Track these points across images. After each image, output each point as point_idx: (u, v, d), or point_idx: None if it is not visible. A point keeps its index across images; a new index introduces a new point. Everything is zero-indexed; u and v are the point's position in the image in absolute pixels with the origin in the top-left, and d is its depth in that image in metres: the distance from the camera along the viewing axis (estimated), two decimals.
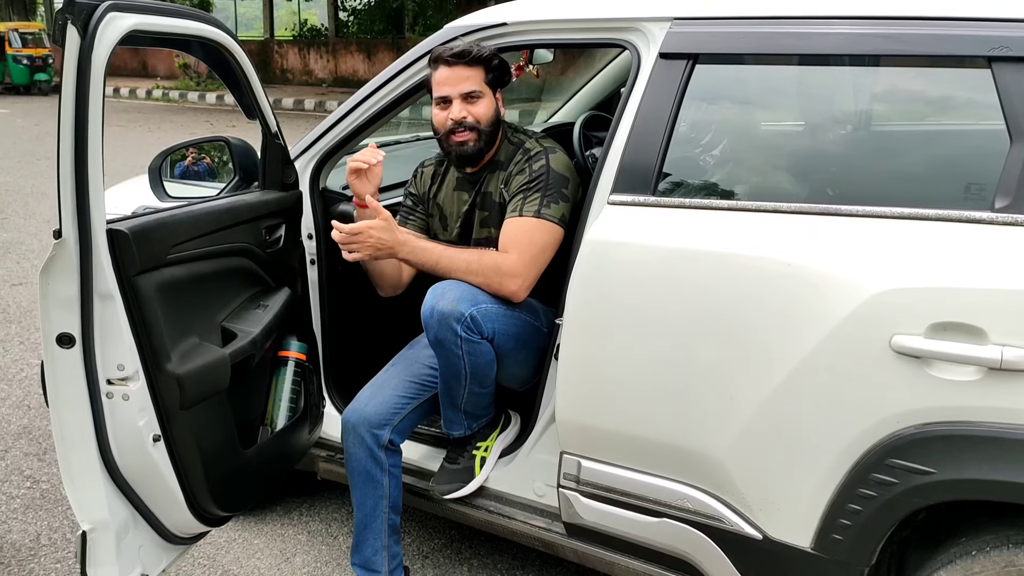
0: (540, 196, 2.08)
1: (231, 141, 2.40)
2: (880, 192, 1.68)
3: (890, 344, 1.49)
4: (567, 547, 2.05)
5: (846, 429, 1.56)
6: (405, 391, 2.16)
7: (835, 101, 1.95)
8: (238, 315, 2.04)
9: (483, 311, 1.98)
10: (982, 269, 1.47)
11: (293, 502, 2.79)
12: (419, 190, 2.36)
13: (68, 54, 1.56)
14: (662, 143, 1.80)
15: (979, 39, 1.55)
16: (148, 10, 1.72)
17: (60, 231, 1.60)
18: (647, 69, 1.86)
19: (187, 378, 1.79)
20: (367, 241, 2.00)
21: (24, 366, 3.87)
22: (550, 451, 2.03)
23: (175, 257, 1.82)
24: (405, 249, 2.05)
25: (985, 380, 1.44)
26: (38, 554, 2.50)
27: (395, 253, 2.05)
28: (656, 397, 1.77)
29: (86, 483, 1.73)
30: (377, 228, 2.00)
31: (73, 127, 1.57)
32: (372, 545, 2.13)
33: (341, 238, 2.00)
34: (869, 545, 1.59)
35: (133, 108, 16.02)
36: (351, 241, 2.00)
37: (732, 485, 1.73)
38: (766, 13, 1.79)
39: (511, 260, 2.04)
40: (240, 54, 2.02)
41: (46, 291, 1.64)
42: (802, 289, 1.58)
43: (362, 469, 2.11)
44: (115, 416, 1.73)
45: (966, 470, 1.47)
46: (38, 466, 2.99)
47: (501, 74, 2.15)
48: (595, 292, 1.82)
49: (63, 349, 1.65)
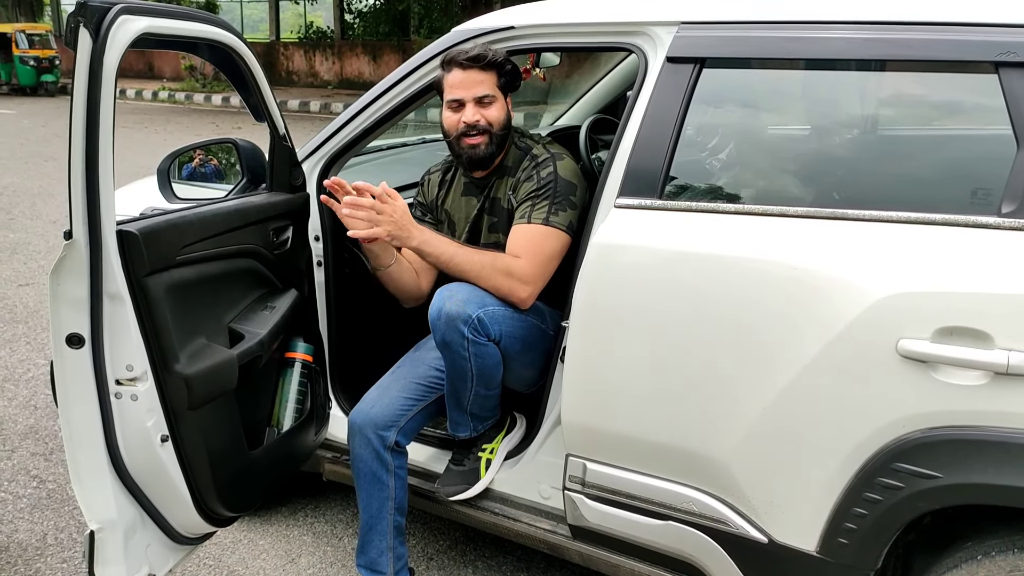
0: (548, 203, 2.08)
1: (239, 143, 2.41)
2: (886, 196, 1.68)
3: (896, 348, 1.49)
4: (572, 549, 2.05)
5: (852, 433, 1.57)
6: (411, 393, 2.16)
7: (841, 105, 1.96)
8: (245, 316, 2.05)
9: (490, 313, 1.98)
10: (988, 273, 1.47)
11: (299, 503, 2.80)
12: (427, 198, 2.36)
13: (80, 57, 1.56)
14: (669, 147, 1.80)
15: (986, 44, 1.55)
16: (159, 13, 1.73)
17: (71, 232, 1.61)
18: (654, 73, 1.87)
19: (195, 379, 1.80)
20: (391, 215, 1.96)
21: (31, 366, 3.88)
22: (556, 453, 2.03)
23: (184, 258, 1.83)
24: (422, 236, 2.03)
25: (991, 384, 1.45)
26: (44, 553, 2.51)
27: (410, 238, 2.01)
28: (662, 400, 1.78)
29: (94, 483, 1.74)
30: (401, 206, 1.99)
31: (84, 129, 1.58)
32: (377, 546, 2.14)
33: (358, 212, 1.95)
34: (875, 549, 1.59)
35: (139, 109, 16.06)
36: (372, 214, 1.95)
37: (737, 488, 1.73)
38: (773, 18, 1.80)
39: (523, 266, 2.04)
40: (249, 56, 2.03)
41: (56, 291, 1.65)
42: (808, 293, 1.59)
43: (368, 470, 2.11)
44: (123, 416, 1.74)
45: (972, 474, 1.47)
46: (44, 466, 3.00)
47: (512, 79, 2.16)
48: (601, 295, 1.82)
49: (73, 349, 1.66)
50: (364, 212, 1.97)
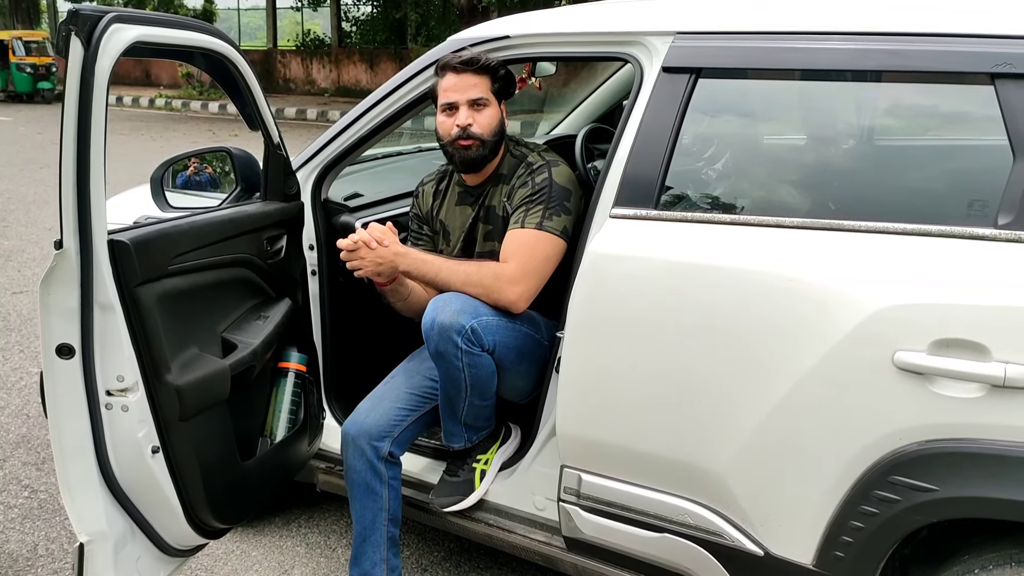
0: (542, 208, 2.08)
1: (233, 151, 2.41)
2: (883, 207, 1.67)
3: (893, 360, 1.49)
4: (567, 561, 2.04)
5: (848, 445, 1.56)
6: (405, 403, 2.15)
7: (838, 116, 1.95)
8: (239, 326, 2.03)
9: (484, 323, 1.97)
10: (985, 286, 1.47)
11: (292, 514, 2.78)
12: (422, 209, 2.36)
13: (72, 65, 1.56)
14: (664, 157, 1.79)
15: (982, 55, 1.55)
16: (151, 22, 1.73)
17: (61, 241, 1.60)
18: (650, 83, 1.86)
19: (187, 389, 1.78)
20: (366, 256, 2.04)
21: (23, 375, 3.86)
22: (551, 464, 2.02)
23: (176, 268, 1.82)
24: (405, 262, 2.06)
25: (988, 397, 1.44)
26: (35, 564, 2.49)
27: (396, 266, 2.06)
28: (657, 411, 1.77)
29: (84, 494, 1.72)
30: (381, 249, 2.04)
31: (75, 138, 1.57)
32: (371, 558, 2.12)
33: (342, 256, 2.06)
34: (871, 563, 1.58)
35: (136, 116, 16.06)
36: (350, 259, 2.05)
37: (733, 500, 1.72)
38: (769, 28, 1.80)
39: (510, 269, 2.04)
40: (243, 65, 2.02)
41: (46, 301, 1.63)
42: (804, 304, 1.58)
43: (361, 481, 2.10)
44: (114, 427, 1.72)
45: (969, 488, 1.46)
46: (36, 476, 2.98)
47: (507, 85, 2.16)
48: (597, 305, 1.81)
49: (63, 360, 1.65)
50: (343, 254, 2.08)
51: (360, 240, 2.04)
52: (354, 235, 2.06)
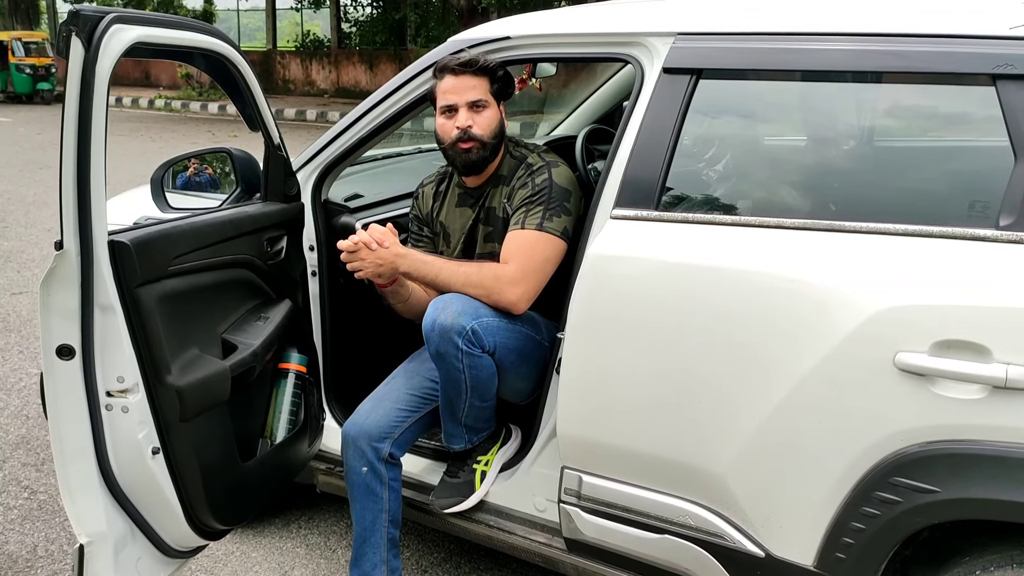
0: (543, 209, 2.07)
1: (234, 152, 2.40)
2: (884, 208, 1.67)
3: (894, 362, 1.48)
4: (568, 563, 2.04)
5: (849, 447, 1.56)
6: (406, 404, 2.15)
7: (838, 117, 1.95)
8: (239, 327, 2.03)
9: (484, 324, 1.97)
10: (986, 287, 1.46)
11: (292, 515, 2.77)
12: (422, 211, 2.36)
13: (72, 66, 1.55)
14: (665, 158, 1.79)
15: (983, 57, 1.55)
16: (152, 22, 1.73)
17: (61, 242, 1.60)
18: (650, 84, 1.86)
19: (187, 390, 1.78)
20: (366, 258, 2.04)
21: (23, 376, 3.86)
22: (551, 466, 2.02)
23: (176, 269, 1.82)
24: (406, 263, 2.06)
25: (989, 398, 1.44)
26: (35, 566, 2.49)
27: (396, 268, 2.06)
28: (658, 412, 1.76)
29: (84, 496, 1.72)
30: (382, 249, 2.03)
31: (76, 139, 1.56)
32: (371, 559, 2.12)
33: (343, 257, 2.07)
34: (872, 564, 1.58)
35: (135, 117, 16.06)
36: (350, 260, 2.05)
37: (734, 502, 1.72)
38: (770, 29, 1.80)
39: (510, 270, 2.04)
40: (243, 66, 2.02)
41: (46, 302, 1.63)
42: (805, 305, 1.58)
43: (362, 482, 2.10)
44: (114, 428, 1.72)
45: (970, 489, 1.46)
46: (36, 477, 2.98)
47: (506, 86, 2.16)
48: (597, 306, 1.81)
49: (63, 361, 1.64)
50: (343, 256, 2.08)
51: (360, 241, 2.04)
52: (354, 236, 2.06)
